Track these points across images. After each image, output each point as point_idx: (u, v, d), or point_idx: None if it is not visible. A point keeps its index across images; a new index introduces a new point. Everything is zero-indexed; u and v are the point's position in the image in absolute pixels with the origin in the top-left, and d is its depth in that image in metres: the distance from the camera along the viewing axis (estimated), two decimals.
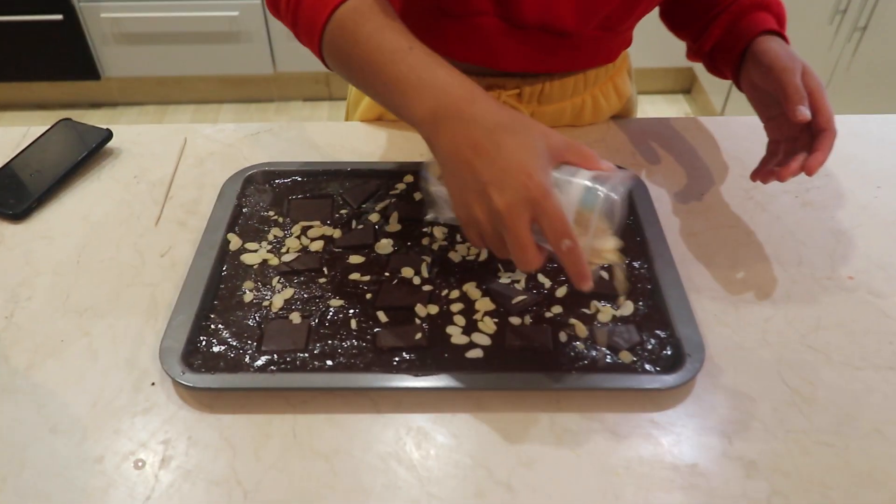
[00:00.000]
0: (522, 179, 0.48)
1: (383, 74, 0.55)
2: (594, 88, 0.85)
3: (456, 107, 0.52)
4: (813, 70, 0.67)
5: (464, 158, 0.50)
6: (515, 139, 0.50)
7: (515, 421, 0.55)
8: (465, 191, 0.51)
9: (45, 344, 0.60)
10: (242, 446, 0.53)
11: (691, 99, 2.58)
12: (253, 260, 0.66)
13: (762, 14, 0.73)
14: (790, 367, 0.59)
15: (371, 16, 0.58)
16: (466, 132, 0.51)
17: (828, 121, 0.64)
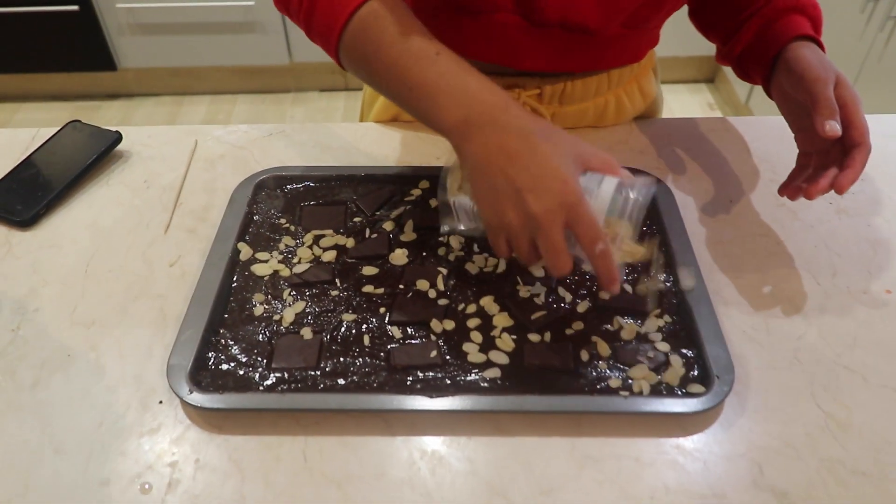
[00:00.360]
0: (558, 185, 0.49)
1: (409, 79, 0.55)
2: (618, 89, 0.82)
3: (489, 114, 0.52)
4: (848, 81, 0.63)
5: (497, 165, 0.51)
6: (548, 146, 0.51)
7: (534, 446, 0.53)
8: (498, 197, 0.51)
9: (51, 359, 0.59)
10: (251, 470, 0.51)
11: (714, 88, 2.52)
12: (264, 271, 0.64)
13: (797, 17, 0.69)
14: (824, 388, 0.56)
15: (393, 19, 0.56)
16: (499, 139, 0.51)
17: (861, 135, 0.59)
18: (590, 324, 0.60)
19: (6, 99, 2.53)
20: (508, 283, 0.63)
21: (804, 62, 0.64)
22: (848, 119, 0.60)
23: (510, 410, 0.54)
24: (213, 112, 2.49)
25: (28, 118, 2.47)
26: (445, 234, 0.67)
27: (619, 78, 0.80)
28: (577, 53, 0.74)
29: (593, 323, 0.60)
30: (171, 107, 2.51)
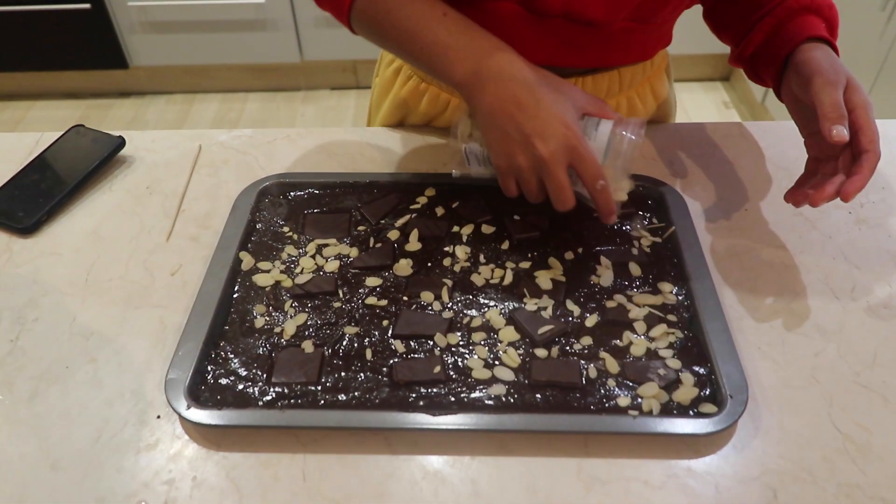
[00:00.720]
0: (562, 130, 0.56)
1: (420, 39, 0.60)
2: (630, 90, 0.79)
3: (497, 66, 0.58)
4: (859, 84, 0.60)
5: (507, 113, 0.57)
6: (551, 95, 0.58)
7: (540, 466, 0.51)
8: (508, 142, 0.58)
9: (49, 370, 0.58)
10: (249, 489, 0.50)
11: (730, 87, 2.48)
12: (265, 281, 0.63)
13: (810, 18, 0.66)
14: (843, 409, 0.54)
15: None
16: (508, 90, 0.57)
17: (870, 141, 0.57)
18: (598, 339, 0.58)
19: (19, 97, 2.54)
20: (515, 295, 0.62)
21: (813, 64, 0.62)
22: (857, 124, 0.58)
23: (515, 429, 0.52)
24: (224, 110, 2.48)
25: (41, 116, 2.48)
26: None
27: (630, 79, 0.78)
28: (581, 47, 0.71)
29: (602, 338, 0.58)
30: (183, 105, 2.51)
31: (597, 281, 0.63)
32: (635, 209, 0.70)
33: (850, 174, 0.57)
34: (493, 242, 0.67)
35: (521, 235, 0.67)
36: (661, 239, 0.67)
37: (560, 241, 0.67)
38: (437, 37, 0.59)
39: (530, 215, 0.69)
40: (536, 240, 0.67)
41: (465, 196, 0.71)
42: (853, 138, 0.58)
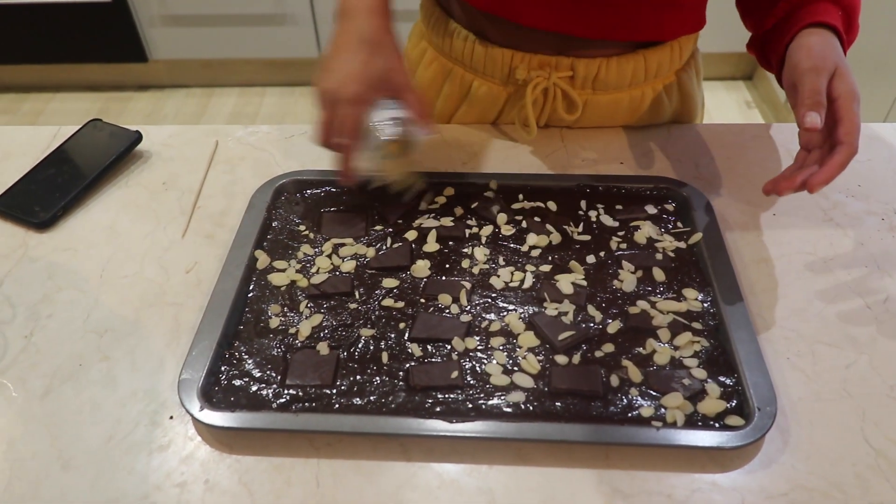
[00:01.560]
0: (347, 81, 0.60)
1: None
2: (656, 81, 0.77)
3: (353, 11, 0.62)
4: (849, 73, 0.58)
5: (334, 47, 0.62)
6: (369, 55, 0.61)
7: (559, 477, 0.50)
8: (321, 68, 0.62)
9: (63, 368, 0.57)
10: (262, 493, 0.49)
11: (752, 86, 2.44)
12: (281, 281, 0.62)
13: (824, 4, 0.64)
14: (875, 423, 0.52)
15: None
16: (346, 32, 0.62)
17: (847, 133, 0.55)
18: (620, 346, 0.56)
19: (40, 89, 2.56)
20: (535, 299, 0.60)
21: (804, 50, 0.60)
22: (837, 115, 0.56)
23: (534, 439, 0.51)
24: (241, 104, 2.48)
25: (60, 108, 2.49)
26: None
27: (657, 67, 0.75)
28: (589, 14, 0.69)
29: (624, 345, 0.56)
30: (201, 98, 2.51)
31: (619, 286, 0.61)
32: (659, 212, 0.68)
33: (821, 165, 0.55)
34: (513, 244, 0.65)
35: (541, 237, 0.65)
36: (685, 244, 0.65)
37: (582, 244, 0.65)
38: None
39: (551, 217, 0.68)
40: (558, 243, 0.65)
41: (485, 197, 0.70)
42: (832, 129, 0.56)
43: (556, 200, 0.69)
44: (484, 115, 0.80)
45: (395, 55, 0.62)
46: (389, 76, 0.61)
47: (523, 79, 0.74)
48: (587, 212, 0.68)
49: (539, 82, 0.74)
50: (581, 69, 0.73)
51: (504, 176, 0.72)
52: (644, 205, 0.69)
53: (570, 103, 0.76)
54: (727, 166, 0.75)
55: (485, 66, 0.76)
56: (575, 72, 0.74)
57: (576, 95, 0.74)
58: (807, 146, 0.59)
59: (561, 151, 0.77)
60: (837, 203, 0.70)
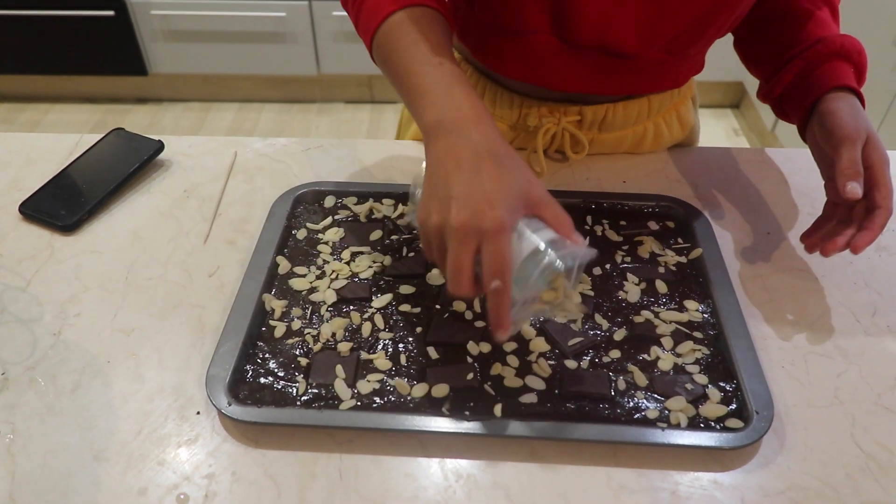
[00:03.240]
0: (485, 207, 0.48)
1: (410, 80, 0.58)
2: (657, 116, 0.82)
3: (459, 123, 0.53)
4: (880, 141, 0.63)
5: (445, 169, 0.51)
6: (498, 170, 0.50)
7: (570, 474, 0.52)
8: (433, 198, 0.51)
9: (91, 364, 0.59)
10: (287, 485, 0.52)
11: (740, 114, 2.51)
12: (302, 286, 0.65)
13: (840, 64, 0.68)
14: (864, 429, 0.55)
15: (415, 27, 0.59)
16: (457, 147, 0.52)
17: (884, 198, 0.60)
18: (626, 352, 0.60)
19: (38, 99, 2.58)
20: None
21: (836, 117, 0.64)
22: (873, 180, 0.61)
23: (546, 437, 0.53)
24: (239, 120, 2.51)
25: (58, 119, 2.51)
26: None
27: (659, 105, 0.80)
28: (615, 77, 0.74)
29: (630, 352, 0.60)
30: (199, 113, 2.54)
31: (624, 297, 0.65)
32: (661, 229, 0.72)
33: (862, 228, 0.60)
34: None
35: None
36: (686, 258, 0.69)
37: None
38: (423, 81, 0.57)
39: None
40: None
41: None
42: (868, 193, 0.60)
43: None
44: None
45: (524, 165, 0.53)
46: (528, 191, 0.51)
47: (535, 125, 0.78)
48: (593, 227, 0.72)
49: (549, 128, 0.78)
50: (589, 114, 0.78)
51: None
52: (647, 221, 0.73)
53: (576, 142, 0.80)
54: (724, 187, 0.79)
55: (495, 110, 0.80)
56: (583, 116, 0.78)
57: (582, 136, 0.79)
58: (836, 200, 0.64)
59: (566, 171, 0.81)
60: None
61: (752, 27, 0.76)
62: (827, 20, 0.71)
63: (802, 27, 0.71)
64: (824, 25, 0.71)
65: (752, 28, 0.76)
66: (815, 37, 0.69)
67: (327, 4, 2.23)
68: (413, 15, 0.60)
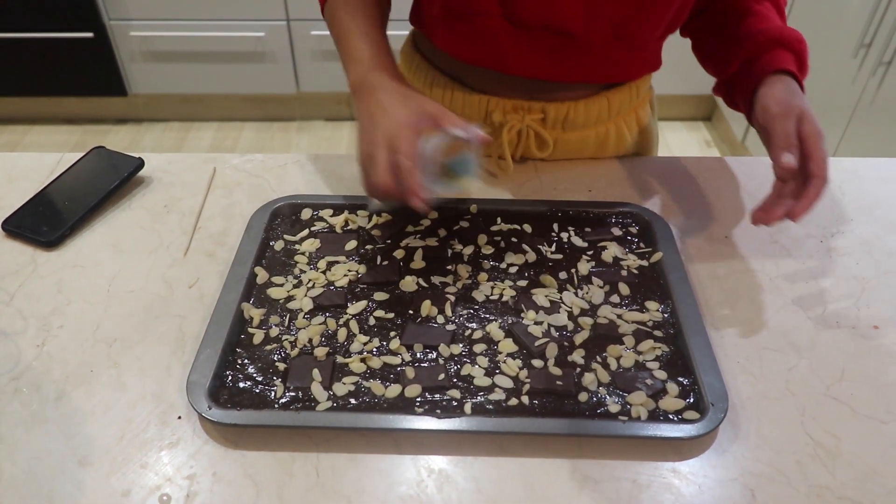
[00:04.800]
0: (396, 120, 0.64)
1: (343, 45, 0.74)
2: (618, 118, 0.86)
3: (374, 78, 0.68)
4: (813, 116, 0.67)
5: (370, 113, 0.66)
6: (401, 99, 0.66)
7: (537, 466, 0.55)
8: (363, 135, 0.66)
9: (74, 374, 0.61)
10: (266, 484, 0.54)
11: (711, 126, 2.58)
12: (279, 294, 0.67)
13: (780, 52, 0.73)
14: (814, 418, 0.59)
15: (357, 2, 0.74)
16: (374, 96, 0.67)
17: (819, 167, 0.64)
18: (590, 351, 0.63)
19: (18, 121, 2.58)
20: (513, 310, 0.66)
21: (769, 97, 0.69)
22: (807, 151, 0.65)
23: (514, 432, 0.56)
24: (219, 139, 2.53)
25: (38, 140, 2.51)
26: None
27: (619, 106, 0.84)
28: (567, 60, 0.78)
29: (594, 350, 0.63)
30: (179, 132, 2.55)
31: (589, 298, 0.68)
32: (624, 234, 0.75)
33: (799, 198, 0.64)
34: (493, 262, 0.71)
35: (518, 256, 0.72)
36: (647, 262, 0.72)
37: (554, 262, 0.72)
38: (352, 47, 0.72)
39: (526, 238, 0.74)
40: (533, 260, 0.72)
41: (466, 219, 0.76)
42: (804, 164, 0.64)
43: (531, 223, 0.76)
44: None
45: (416, 94, 0.67)
46: (426, 108, 0.65)
47: (500, 122, 0.82)
48: (559, 233, 0.75)
49: (514, 125, 0.82)
50: (552, 112, 0.82)
51: (484, 201, 0.79)
52: (610, 227, 0.76)
53: (541, 142, 0.84)
54: (685, 194, 0.83)
55: (463, 109, 0.84)
56: (546, 114, 0.82)
57: (547, 135, 0.83)
58: (782, 178, 0.67)
59: (535, 181, 0.84)
60: (781, 227, 0.78)
61: (703, 27, 0.81)
62: (770, 15, 0.77)
63: (747, 22, 0.76)
64: (767, 19, 0.76)
65: (703, 27, 0.81)
66: (757, 29, 0.75)
67: (306, 24, 2.27)
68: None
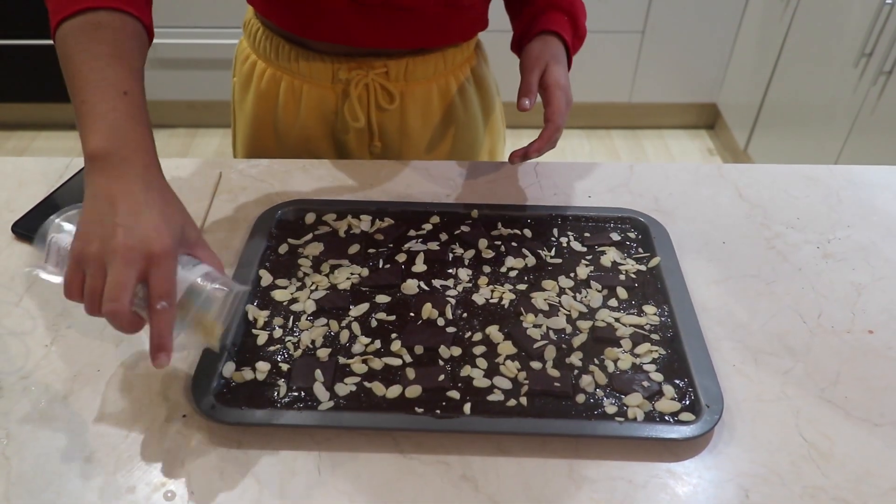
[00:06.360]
0: (152, 233, 0.51)
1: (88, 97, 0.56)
2: (456, 70, 0.92)
3: (130, 157, 0.54)
4: (557, 68, 0.77)
5: (111, 196, 0.52)
6: (165, 206, 0.54)
7: (535, 466, 0.56)
8: (94, 226, 0.51)
9: (82, 373, 0.62)
10: (268, 482, 0.55)
11: (714, 135, 2.59)
12: (283, 297, 0.68)
13: (553, 14, 0.83)
14: (808, 421, 0.60)
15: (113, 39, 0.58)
16: (126, 178, 0.53)
17: (552, 114, 0.76)
18: (588, 354, 0.64)
19: (26, 127, 2.61)
20: (512, 314, 0.67)
21: (526, 52, 0.81)
22: (546, 99, 0.77)
23: (512, 432, 0.57)
24: (224, 144, 2.56)
25: (46, 146, 2.54)
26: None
27: (452, 59, 0.90)
28: (406, 30, 0.83)
29: (591, 353, 0.64)
30: (185, 138, 2.58)
31: (587, 302, 0.69)
32: (623, 239, 0.77)
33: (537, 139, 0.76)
34: (493, 266, 0.73)
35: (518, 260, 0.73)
36: (645, 267, 0.73)
37: (554, 266, 0.73)
38: (103, 107, 0.55)
39: (526, 242, 0.75)
40: (533, 264, 0.73)
41: (467, 224, 0.77)
42: (545, 111, 0.76)
43: (531, 228, 0.77)
44: (323, 116, 0.90)
45: (183, 207, 0.56)
46: (186, 230, 0.55)
47: (346, 78, 0.86)
48: (559, 238, 0.76)
49: (360, 79, 0.86)
50: (393, 66, 0.87)
51: (484, 206, 0.80)
52: (609, 233, 0.77)
53: (388, 94, 0.88)
54: (682, 200, 0.84)
55: (310, 73, 0.87)
56: (388, 68, 0.87)
57: (392, 87, 0.87)
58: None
59: (535, 186, 0.86)
60: (779, 233, 0.79)
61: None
62: None
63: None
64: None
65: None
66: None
67: None
68: (114, 22, 0.58)
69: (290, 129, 0.91)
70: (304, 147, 0.93)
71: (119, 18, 0.59)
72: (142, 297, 0.52)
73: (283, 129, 0.92)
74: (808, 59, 1.95)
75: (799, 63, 1.99)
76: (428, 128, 0.92)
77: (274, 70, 0.89)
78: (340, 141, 0.92)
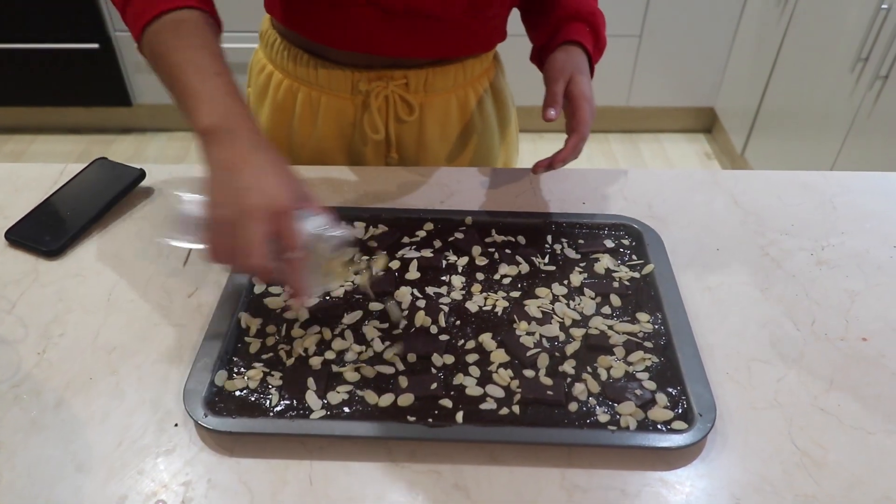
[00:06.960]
0: (275, 190, 0.56)
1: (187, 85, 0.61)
2: (475, 83, 0.91)
3: (237, 128, 0.59)
4: (582, 78, 0.77)
5: (232, 164, 0.57)
6: (279, 167, 0.59)
7: (527, 475, 0.56)
8: (222, 191, 0.57)
9: (74, 381, 0.62)
10: (260, 491, 0.55)
11: (712, 139, 2.59)
12: (276, 304, 0.68)
13: (575, 25, 0.83)
14: (801, 429, 0.60)
15: (194, 32, 0.64)
16: (239, 147, 0.58)
17: (578, 124, 0.76)
18: (581, 362, 0.64)
19: (24, 130, 2.61)
20: (506, 321, 0.67)
21: (550, 62, 0.81)
22: (570, 111, 0.77)
23: (505, 441, 0.57)
24: None
25: (43, 149, 2.54)
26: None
27: (472, 70, 0.90)
28: (430, 39, 0.83)
29: (585, 361, 0.64)
30: (183, 142, 2.58)
31: (581, 309, 0.69)
32: (616, 246, 0.76)
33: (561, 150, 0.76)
34: (487, 273, 0.73)
35: (511, 267, 0.73)
36: (639, 274, 0.73)
37: (547, 273, 0.73)
38: (203, 87, 0.60)
39: (520, 249, 0.75)
40: (526, 272, 0.73)
41: (461, 231, 0.77)
42: (568, 121, 0.76)
43: (525, 235, 0.77)
44: (341, 129, 0.90)
45: (290, 166, 0.60)
46: (300, 187, 0.59)
47: (366, 90, 0.86)
48: (552, 245, 0.76)
49: (380, 90, 0.86)
50: (413, 78, 0.86)
51: (478, 213, 0.80)
52: (603, 240, 0.77)
53: (407, 106, 0.88)
54: (677, 207, 0.84)
55: (329, 83, 0.87)
56: (408, 80, 0.86)
57: (411, 98, 0.87)
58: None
59: (529, 193, 0.86)
60: (773, 240, 0.79)
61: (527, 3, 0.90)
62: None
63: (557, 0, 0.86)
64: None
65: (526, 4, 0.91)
66: (560, 4, 0.85)
67: None
68: (191, 18, 0.64)
69: (306, 140, 0.91)
70: (319, 160, 0.92)
71: (194, 14, 0.65)
72: (273, 249, 0.56)
73: (298, 140, 0.91)
74: (805, 64, 1.95)
75: (796, 67, 1.99)
76: (446, 140, 0.92)
77: (291, 81, 0.88)
78: (357, 153, 0.92)
